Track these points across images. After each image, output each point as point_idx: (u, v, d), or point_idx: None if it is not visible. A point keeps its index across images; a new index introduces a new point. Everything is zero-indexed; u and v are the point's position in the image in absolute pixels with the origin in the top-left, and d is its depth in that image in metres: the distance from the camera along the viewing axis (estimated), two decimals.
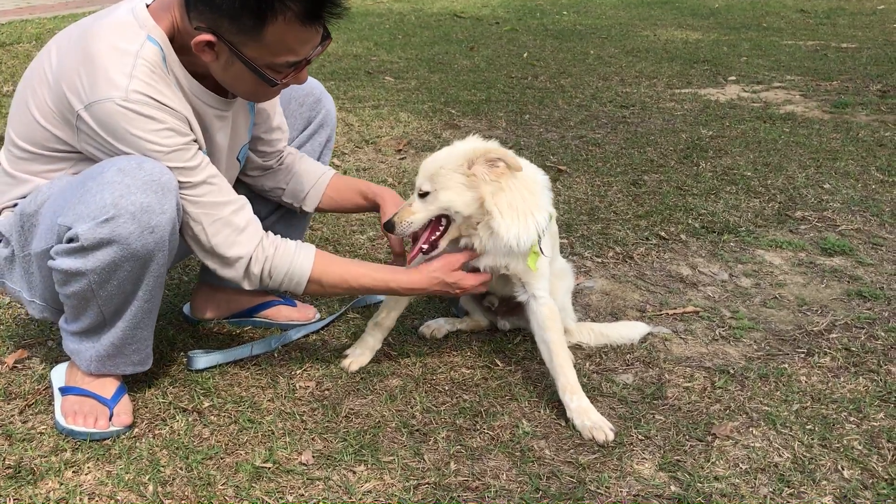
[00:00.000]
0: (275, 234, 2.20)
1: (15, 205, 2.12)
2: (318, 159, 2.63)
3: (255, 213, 2.17)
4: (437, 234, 2.25)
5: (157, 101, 1.91)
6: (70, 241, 1.91)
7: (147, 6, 1.97)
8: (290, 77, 2.02)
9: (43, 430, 2.13)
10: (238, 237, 2.08)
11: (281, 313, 2.73)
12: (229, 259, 2.10)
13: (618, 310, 2.88)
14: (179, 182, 1.97)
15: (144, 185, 1.87)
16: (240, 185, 2.49)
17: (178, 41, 1.98)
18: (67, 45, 1.97)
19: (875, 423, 2.21)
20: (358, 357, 2.46)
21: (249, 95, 2.10)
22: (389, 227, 2.27)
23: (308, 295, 2.23)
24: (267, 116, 2.41)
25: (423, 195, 2.22)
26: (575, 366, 2.37)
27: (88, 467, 2.00)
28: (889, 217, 3.69)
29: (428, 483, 1.96)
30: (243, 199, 2.13)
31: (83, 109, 1.89)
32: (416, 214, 2.23)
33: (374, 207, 2.53)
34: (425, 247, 2.25)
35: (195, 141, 2.03)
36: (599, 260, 3.26)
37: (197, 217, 2.04)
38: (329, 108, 2.63)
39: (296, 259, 2.16)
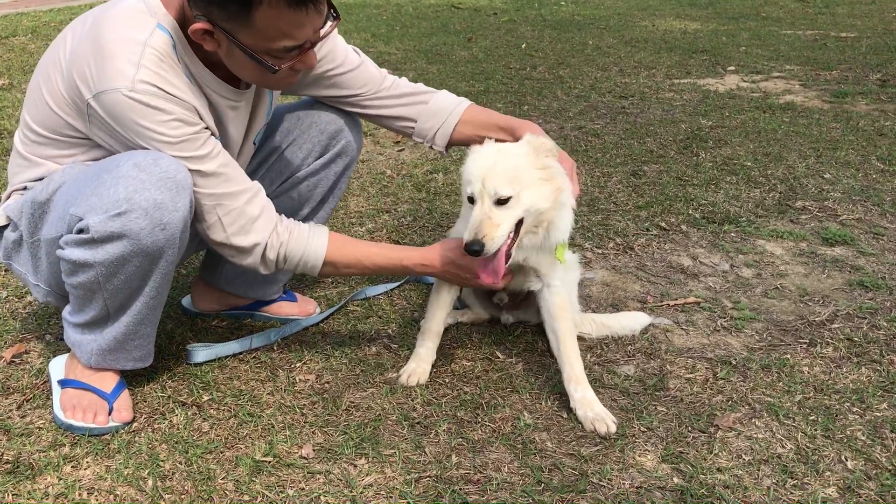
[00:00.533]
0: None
1: (24, 188, 2.11)
2: (332, 190, 2.54)
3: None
4: (509, 241, 2.08)
5: (165, 90, 1.88)
6: (80, 231, 1.89)
7: None
8: (295, 62, 1.96)
9: (41, 425, 2.12)
10: (253, 225, 2.07)
11: (282, 309, 2.71)
12: (245, 248, 2.09)
13: (618, 301, 2.86)
14: (190, 171, 1.95)
15: (159, 181, 1.86)
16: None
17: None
18: (81, 32, 1.97)
19: (878, 414, 2.20)
20: (413, 371, 2.35)
21: (260, 83, 2.07)
22: (476, 249, 2.00)
23: (322, 277, 2.19)
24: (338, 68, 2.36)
25: (504, 201, 2.03)
26: None
27: (87, 462, 1.98)
28: (890, 207, 3.67)
29: (429, 476, 1.95)
30: (257, 186, 2.10)
31: (92, 98, 1.88)
32: (501, 226, 2.02)
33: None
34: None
35: (207, 129, 2.01)
36: (600, 251, 3.25)
37: (211, 208, 2.02)
38: (350, 140, 2.50)
39: (310, 243, 2.14)
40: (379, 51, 7.38)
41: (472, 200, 2.08)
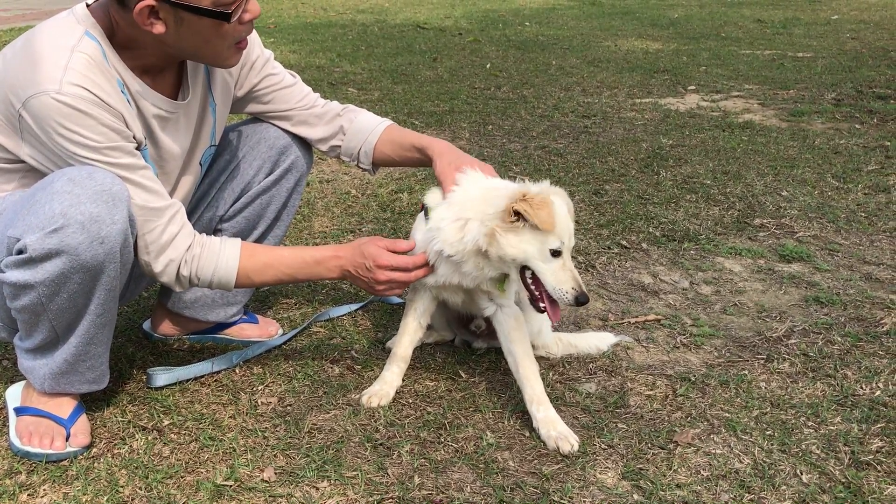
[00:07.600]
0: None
1: None
2: (285, 207, 2.55)
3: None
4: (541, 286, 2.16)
5: (93, 93, 1.88)
6: (20, 252, 1.88)
7: (87, 6, 1.98)
8: (240, 8, 1.95)
9: None
10: (171, 242, 2.07)
11: (243, 331, 2.69)
12: (159, 270, 2.09)
13: (580, 318, 2.89)
14: None
15: (94, 195, 1.85)
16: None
17: (119, 37, 1.98)
18: (11, 53, 1.97)
19: (832, 428, 2.24)
20: (376, 392, 2.34)
21: (215, 56, 2.05)
22: (585, 300, 2.12)
23: (238, 288, 2.20)
24: (270, 83, 2.43)
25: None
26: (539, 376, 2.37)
27: (44, 490, 1.95)
28: (844, 223, 3.76)
29: (392, 497, 1.95)
30: (178, 205, 2.11)
31: (22, 107, 1.87)
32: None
33: (429, 162, 2.37)
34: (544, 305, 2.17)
35: (134, 138, 2.01)
36: None
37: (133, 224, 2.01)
38: (299, 155, 2.52)
39: (222, 253, 2.14)
40: (344, 70, 7.39)
41: (555, 253, 2.10)
